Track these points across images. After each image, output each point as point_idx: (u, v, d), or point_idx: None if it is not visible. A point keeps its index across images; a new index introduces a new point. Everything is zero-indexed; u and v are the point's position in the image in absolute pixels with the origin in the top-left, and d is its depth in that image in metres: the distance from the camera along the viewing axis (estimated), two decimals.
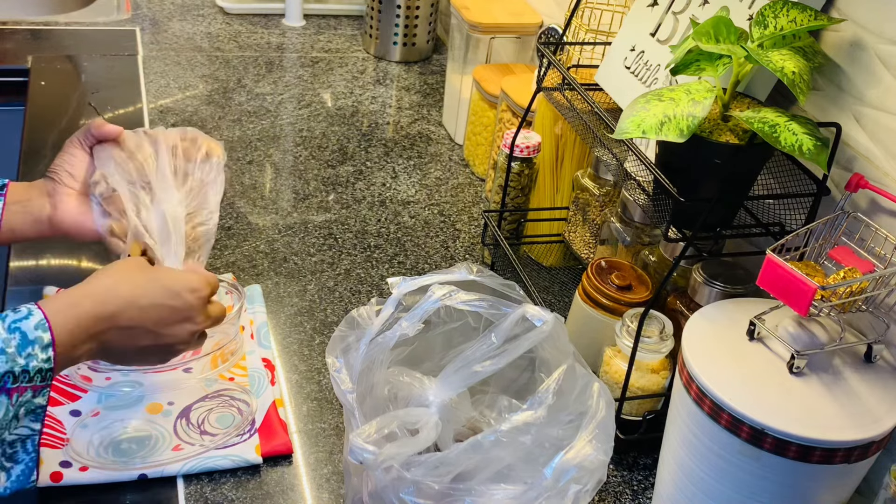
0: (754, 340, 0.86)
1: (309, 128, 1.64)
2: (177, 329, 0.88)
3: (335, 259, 1.31)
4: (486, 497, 0.76)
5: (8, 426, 0.79)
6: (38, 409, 0.80)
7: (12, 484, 0.81)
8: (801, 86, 0.84)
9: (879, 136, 0.90)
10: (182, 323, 0.88)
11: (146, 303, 0.85)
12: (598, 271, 1.09)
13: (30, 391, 0.78)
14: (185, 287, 0.88)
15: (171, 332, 0.88)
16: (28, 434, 0.81)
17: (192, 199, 1.01)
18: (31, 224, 0.99)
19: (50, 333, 0.79)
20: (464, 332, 0.92)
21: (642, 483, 1.02)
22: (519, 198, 1.30)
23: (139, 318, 0.85)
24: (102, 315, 0.83)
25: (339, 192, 1.46)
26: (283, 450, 0.99)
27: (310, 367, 1.12)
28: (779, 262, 0.80)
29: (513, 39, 1.59)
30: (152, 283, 0.87)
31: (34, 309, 0.79)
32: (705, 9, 1.02)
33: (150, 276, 0.88)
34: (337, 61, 1.90)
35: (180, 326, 0.88)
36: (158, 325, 0.86)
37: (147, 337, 0.86)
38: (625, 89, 1.11)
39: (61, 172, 1.00)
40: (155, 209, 0.98)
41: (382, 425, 0.79)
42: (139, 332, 0.85)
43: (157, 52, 1.82)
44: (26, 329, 0.78)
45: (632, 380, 0.99)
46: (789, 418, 0.78)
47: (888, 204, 0.89)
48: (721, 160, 0.90)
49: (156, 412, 1.00)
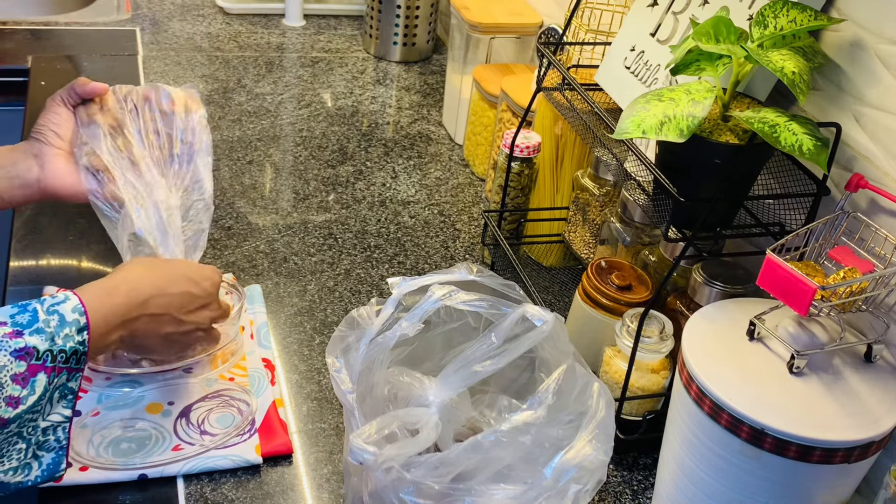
0: (754, 340, 0.86)
1: (309, 128, 1.64)
2: (197, 315, 0.94)
3: (335, 259, 1.31)
4: (486, 497, 0.76)
5: (42, 411, 0.79)
6: (70, 395, 0.82)
7: (43, 473, 0.82)
8: (801, 86, 0.84)
9: (879, 136, 0.90)
10: (201, 309, 0.94)
11: (174, 289, 0.91)
12: (598, 271, 1.09)
13: (65, 373, 0.80)
14: (202, 275, 0.95)
15: (192, 319, 0.94)
16: (60, 421, 0.82)
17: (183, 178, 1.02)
18: (19, 189, 0.98)
19: (85, 317, 0.82)
20: (464, 332, 0.92)
21: (642, 483, 1.02)
22: (519, 198, 1.30)
23: (167, 304, 0.90)
24: (135, 302, 0.87)
25: (339, 192, 1.46)
26: (283, 450, 0.99)
27: (310, 367, 1.12)
28: (779, 262, 0.80)
29: (513, 39, 1.59)
30: (175, 272, 0.93)
31: (70, 295, 0.83)
32: (705, 9, 1.02)
33: (173, 266, 0.95)
34: (337, 61, 1.90)
35: (200, 313, 0.94)
36: (182, 311, 0.92)
37: (172, 324, 0.91)
38: (625, 89, 1.11)
39: (47, 132, 0.98)
40: (151, 204, 0.98)
41: (382, 426, 0.79)
42: (166, 319, 0.91)
43: (157, 52, 1.82)
44: (63, 312, 0.81)
45: (632, 380, 0.99)
46: (789, 418, 0.78)
47: (888, 204, 0.89)
48: (721, 160, 0.90)
49: (156, 412, 1.00)
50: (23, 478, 0.80)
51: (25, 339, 0.77)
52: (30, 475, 0.81)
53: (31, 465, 0.81)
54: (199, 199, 1.03)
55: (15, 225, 1.27)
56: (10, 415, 0.76)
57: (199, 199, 1.03)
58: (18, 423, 0.78)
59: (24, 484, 0.81)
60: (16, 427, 0.78)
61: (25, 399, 0.77)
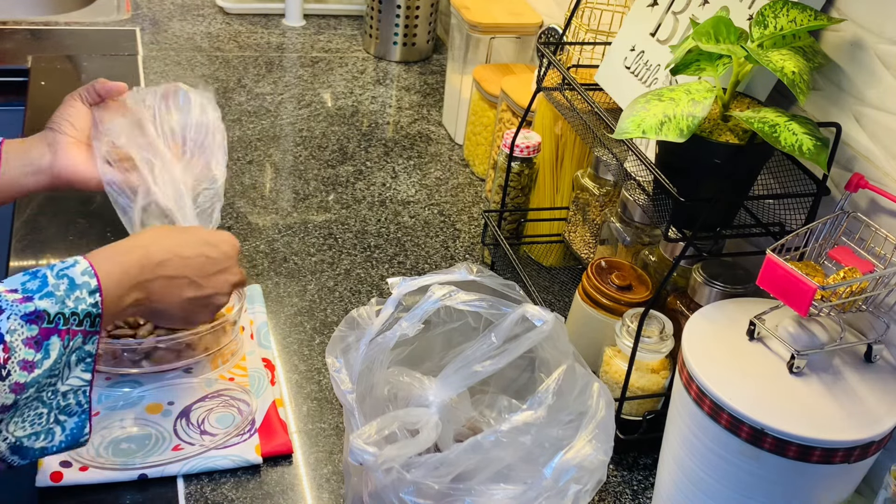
0: (754, 340, 0.86)
1: (309, 128, 1.64)
2: (216, 279, 0.92)
3: (335, 259, 1.31)
4: (486, 497, 0.76)
5: (61, 374, 0.79)
6: (89, 358, 0.82)
7: (67, 438, 0.81)
8: (801, 86, 0.84)
9: (879, 136, 0.90)
10: (221, 273, 0.93)
11: (189, 252, 0.90)
12: (598, 271, 1.09)
13: (80, 336, 0.80)
14: (220, 239, 0.94)
15: (212, 284, 0.92)
16: (80, 385, 0.82)
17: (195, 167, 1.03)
18: (32, 175, 0.99)
19: (96, 279, 0.81)
20: (464, 332, 0.92)
21: (642, 483, 1.02)
22: (519, 198, 1.30)
23: (182, 266, 0.89)
24: (149, 264, 0.86)
25: (339, 192, 1.46)
26: (283, 450, 0.99)
27: (310, 367, 1.12)
28: (779, 262, 0.80)
29: (513, 39, 1.59)
30: (191, 235, 0.92)
31: (80, 258, 0.82)
32: (705, 9, 1.02)
33: (188, 230, 0.94)
34: (337, 61, 1.90)
35: (219, 277, 0.93)
36: (200, 274, 0.91)
37: (190, 288, 0.90)
38: (625, 89, 1.11)
39: (62, 122, 0.99)
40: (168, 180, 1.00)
41: (382, 426, 0.79)
42: (183, 282, 0.89)
43: (157, 52, 1.82)
44: (73, 275, 0.80)
45: (632, 380, 0.99)
46: (789, 418, 0.78)
47: (888, 204, 0.89)
48: (721, 160, 0.90)
49: (156, 412, 1.00)
50: (47, 443, 0.80)
51: (35, 304, 0.77)
52: (53, 440, 0.80)
53: (54, 431, 0.80)
54: (209, 188, 1.04)
55: (15, 225, 1.28)
56: (27, 379, 0.76)
57: (209, 188, 1.04)
58: (37, 388, 0.77)
59: (48, 450, 0.80)
60: (34, 392, 0.77)
61: (41, 363, 0.76)
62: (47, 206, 1.32)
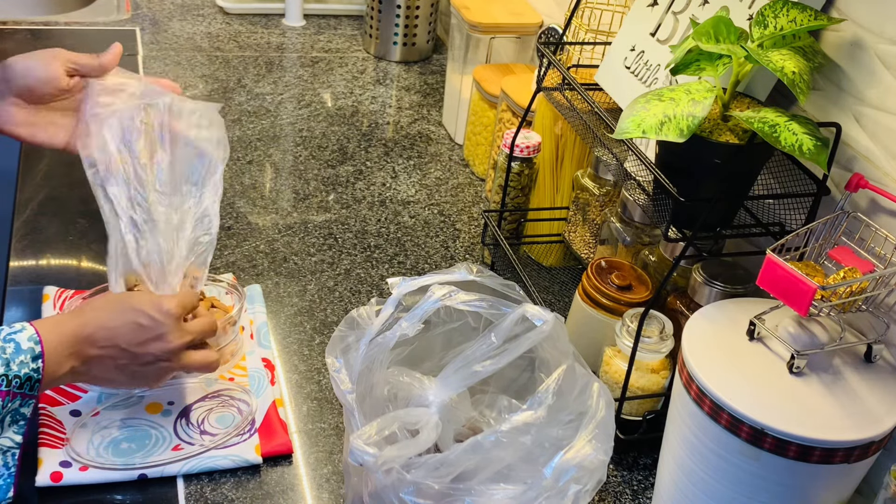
0: (754, 340, 0.86)
1: (309, 128, 1.64)
2: (150, 347, 0.90)
3: (335, 259, 1.31)
4: (486, 497, 0.76)
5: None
6: (22, 420, 0.85)
7: None
8: (801, 86, 0.84)
9: (879, 136, 0.90)
10: (154, 341, 0.91)
11: (115, 324, 0.89)
12: (598, 271, 1.09)
13: (19, 398, 0.83)
14: (153, 307, 0.91)
15: (146, 351, 0.90)
16: (9, 447, 0.85)
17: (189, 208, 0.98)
18: None
19: (40, 346, 0.84)
20: (464, 332, 0.92)
21: (642, 483, 1.02)
22: (519, 198, 1.30)
23: (111, 337, 0.89)
24: (81, 335, 0.88)
25: (339, 192, 1.46)
26: (283, 450, 0.99)
27: (310, 367, 1.12)
28: (779, 262, 0.80)
29: (513, 39, 1.59)
30: (121, 304, 0.91)
31: (27, 325, 0.86)
32: (705, 9, 1.02)
33: (121, 299, 0.93)
34: (337, 61, 1.90)
35: (153, 344, 0.90)
36: (130, 344, 0.89)
37: (123, 356, 0.90)
38: (625, 89, 1.11)
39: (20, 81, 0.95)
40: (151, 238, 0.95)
41: (382, 426, 0.79)
42: (115, 350, 0.89)
43: (157, 52, 1.82)
44: (20, 340, 0.84)
45: (632, 380, 0.99)
46: (789, 418, 0.78)
47: (888, 204, 0.89)
48: (721, 160, 0.90)
49: (156, 412, 1.00)
50: None
51: None
52: None
53: None
54: (204, 234, 0.99)
55: (15, 225, 1.28)
56: None
57: (204, 234, 0.99)
58: None
59: None
60: None
61: None
62: (47, 206, 1.32)
